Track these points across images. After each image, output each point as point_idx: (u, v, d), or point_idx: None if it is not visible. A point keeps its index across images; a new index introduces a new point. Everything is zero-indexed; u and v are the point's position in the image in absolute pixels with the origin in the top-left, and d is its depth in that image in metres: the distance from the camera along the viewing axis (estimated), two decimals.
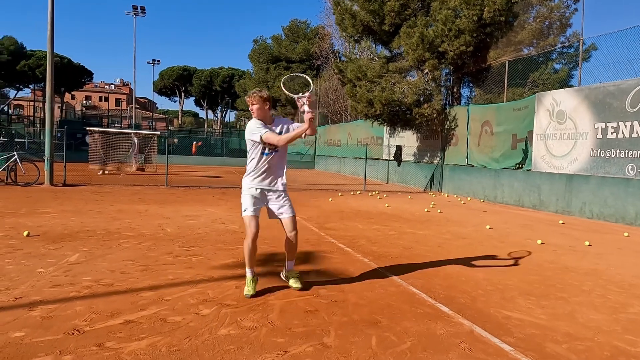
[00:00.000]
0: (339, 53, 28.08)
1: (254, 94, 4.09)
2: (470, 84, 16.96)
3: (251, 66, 45.30)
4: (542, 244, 7.39)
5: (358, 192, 14.93)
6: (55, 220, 7.49)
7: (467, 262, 5.81)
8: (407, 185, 18.21)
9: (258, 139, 4.07)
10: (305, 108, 4.00)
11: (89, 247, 5.66)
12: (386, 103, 14.68)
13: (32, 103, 76.60)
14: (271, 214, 4.49)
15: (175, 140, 32.46)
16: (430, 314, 3.82)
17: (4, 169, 12.39)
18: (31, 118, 69.23)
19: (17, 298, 3.75)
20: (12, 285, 4.05)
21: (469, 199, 14.37)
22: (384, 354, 3.00)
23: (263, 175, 4.25)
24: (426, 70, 15.47)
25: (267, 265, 5.24)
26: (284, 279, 4.50)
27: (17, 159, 12.37)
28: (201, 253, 5.65)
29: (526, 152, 12.45)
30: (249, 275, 4.16)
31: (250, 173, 4.28)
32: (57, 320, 3.31)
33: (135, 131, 16.52)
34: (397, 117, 15.68)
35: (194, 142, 35.81)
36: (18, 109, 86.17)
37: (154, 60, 53.41)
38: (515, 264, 5.84)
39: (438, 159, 16.45)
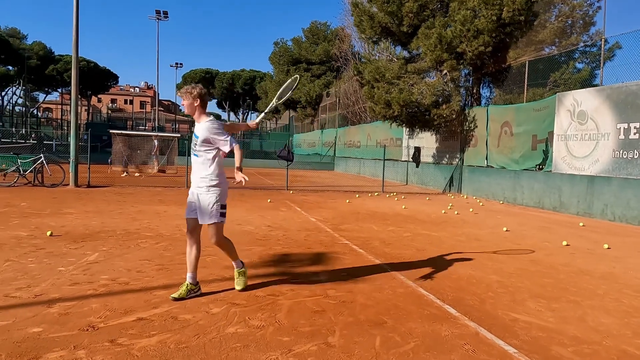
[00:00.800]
0: (358, 55, 28.06)
1: (183, 91, 4.02)
2: (490, 85, 16.77)
3: (272, 68, 45.65)
4: (567, 245, 7.31)
5: (376, 194, 14.92)
6: (78, 220, 7.73)
7: (479, 264, 5.79)
8: (426, 187, 18.11)
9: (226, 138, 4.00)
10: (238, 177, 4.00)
11: (108, 247, 5.84)
12: (404, 104, 14.64)
13: (60, 106, 78.74)
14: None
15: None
16: (436, 315, 3.84)
17: (31, 171, 12.81)
18: (59, 121, 71.19)
19: (37, 295, 3.92)
20: (34, 283, 4.23)
21: (488, 200, 14.22)
22: (387, 354, 3.05)
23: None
24: (445, 71, 15.37)
25: (279, 265, 5.32)
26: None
27: (44, 161, 12.78)
28: (215, 253, 5.75)
29: (546, 153, 12.26)
30: (236, 266, 4.33)
31: (221, 175, 4.10)
32: (74, 317, 3.46)
33: (156, 133, 16.88)
34: (415, 118, 15.62)
35: None
36: (47, 112, 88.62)
37: (176, 63, 54.32)
38: (529, 267, 5.79)
39: (457, 160, 16.32)
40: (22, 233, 6.46)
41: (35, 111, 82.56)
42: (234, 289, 4.30)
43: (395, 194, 15.09)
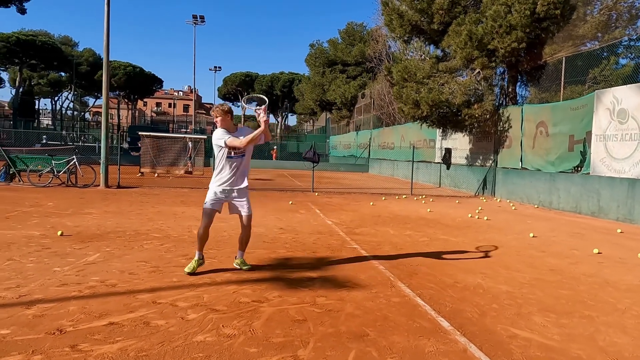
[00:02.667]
0: (392, 55, 27.58)
1: (217, 109, 4.76)
2: (525, 83, 16.01)
3: (308, 70, 45.73)
4: (598, 253, 6.79)
5: (404, 196, 14.52)
6: (94, 220, 7.85)
7: (493, 272, 5.42)
8: (458, 189, 17.51)
9: (223, 144, 4.69)
10: (261, 114, 4.64)
11: (112, 248, 5.85)
12: (433, 104, 14.18)
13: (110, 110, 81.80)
14: (232, 210, 5.02)
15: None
16: (426, 328, 3.56)
17: (64, 172, 13.24)
18: (110, 124, 74.03)
19: (21, 296, 3.91)
20: (23, 283, 4.24)
21: (522, 204, 13.54)
22: None
23: (229, 176, 4.82)
24: (477, 70, 14.79)
25: (276, 270, 5.14)
26: (235, 266, 5.10)
27: (76, 162, 13.19)
28: (216, 256, 5.67)
29: (584, 155, 11.52)
30: (196, 257, 4.91)
31: (217, 174, 4.86)
32: (46, 319, 3.41)
33: (183, 135, 17.15)
34: (445, 118, 15.11)
35: (274, 148, 37.19)
36: (97, 116, 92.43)
37: (215, 67, 55.43)
38: (547, 276, 5.35)
39: (491, 162, 15.67)
40: (35, 232, 6.59)
41: (85, 115, 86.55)
42: (220, 294, 4.16)
43: (424, 196, 14.64)
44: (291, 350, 3.05)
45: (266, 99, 5.13)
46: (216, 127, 4.91)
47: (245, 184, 4.92)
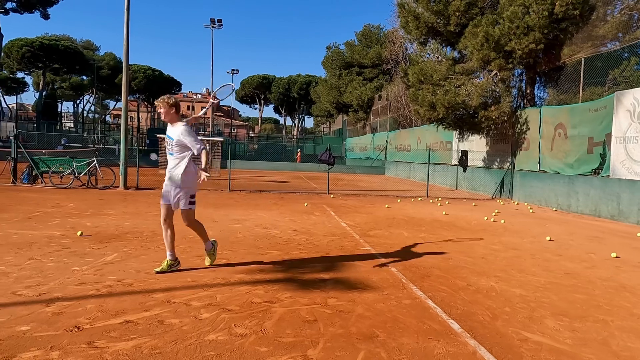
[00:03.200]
0: (409, 57, 27.47)
1: (162, 101, 4.80)
2: (543, 84, 15.81)
3: (325, 72, 45.83)
4: (616, 257, 6.69)
5: (419, 199, 14.46)
6: (113, 221, 8.01)
7: (507, 275, 5.38)
8: (476, 192, 17.35)
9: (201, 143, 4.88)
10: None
11: (129, 248, 5.98)
12: (449, 106, 14.10)
13: (129, 113, 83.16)
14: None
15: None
16: (436, 330, 3.56)
17: (85, 173, 13.52)
18: (130, 127, 75.18)
19: (41, 294, 4.03)
20: (43, 282, 4.37)
21: (540, 207, 13.37)
22: None
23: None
24: (494, 71, 14.67)
25: (288, 271, 5.19)
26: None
27: (96, 165, 13.46)
28: (229, 257, 5.74)
29: (604, 157, 11.33)
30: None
31: (194, 172, 4.96)
32: (65, 317, 3.51)
33: (201, 138, 17.41)
34: (462, 120, 15.01)
35: (298, 150, 37.50)
36: (117, 119, 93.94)
37: (232, 70, 55.90)
38: (563, 280, 5.30)
39: (508, 164, 15.50)
40: (56, 233, 6.76)
41: (106, 117, 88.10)
42: (233, 294, 4.22)
43: (440, 199, 14.56)
44: (301, 350, 3.10)
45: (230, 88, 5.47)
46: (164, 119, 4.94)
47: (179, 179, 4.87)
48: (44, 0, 47.30)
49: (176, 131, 4.76)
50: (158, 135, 16.15)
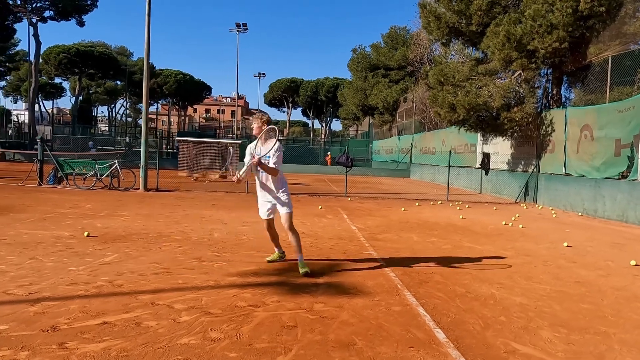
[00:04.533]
0: (432, 58, 27.05)
1: (258, 117, 5.21)
2: (569, 84, 15.24)
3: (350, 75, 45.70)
4: (636, 265, 6.34)
5: (439, 202, 14.16)
6: (123, 222, 8.13)
7: (511, 282, 5.15)
8: (499, 196, 16.87)
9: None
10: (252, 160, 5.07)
11: (131, 249, 6.03)
12: (470, 107, 13.75)
13: (159, 116, 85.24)
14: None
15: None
16: (419, 339, 3.41)
17: (107, 175, 13.83)
18: (160, 130, 77.03)
19: (30, 293, 4.09)
20: (36, 281, 4.43)
21: (565, 212, 12.86)
22: None
23: (258, 187, 5.40)
24: (518, 71, 14.24)
25: (283, 274, 5.12)
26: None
27: (118, 167, 13.75)
28: (228, 259, 5.71)
29: (632, 160, 10.80)
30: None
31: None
32: (45, 317, 3.54)
33: (218, 140, 17.53)
34: (484, 122, 14.62)
35: (328, 153, 37.66)
36: (149, 122, 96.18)
37: (259, 73, 56.44)
38: (571, 289, 5.03)
39: (533, 167, 15.00)
40: (64, 233, 6.90)
41: (139, 121, 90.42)
42: (220, 297, 4.18)
43: (460, 202, 14.21)
44: (271, 357, 3.01)
45: (275, 132, 5.20)
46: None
47: (275, 194, 5.28)
48: (80, 8, 48.98)
49: (266, 149, 5.05)
50: (177, 138, 16.39)
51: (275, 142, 5.04)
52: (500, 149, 17.28)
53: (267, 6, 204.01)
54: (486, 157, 16.85)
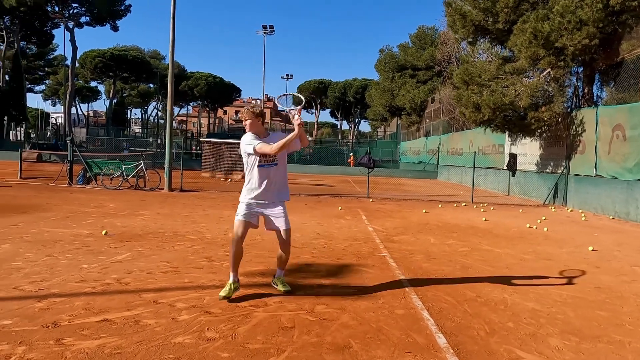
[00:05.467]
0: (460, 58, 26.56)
1: (246, 111, 4.22)
2: (601, 83, 14.67)
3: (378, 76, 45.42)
4: None
5: (463, 204, 13.86)
6: (143, 222, 8.27)
7: (526, 287, 4.97)
8: (528, 198, 16.40)
9: (252, 150, 4.13)
10: (296, 117, 4.12)
11: (145, 248, 6.12)
12: (495, 107, 13.41)
13: (189, 118, 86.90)
14: (268, 225, 4.41)
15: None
16: (417, 344, 3.31)
17: (133, 176, 14.15)
18: (191, 131, 78.46)
19: (40, 289, 4.18)
20: (48, 278, 4.54)
21: (595, 215, 12.38)
22: None
23: (260, 188, 4.23)
24: (547, 70, 13.81)
25: (291, 275, 5.07)
26: (273, 285, 4.54)
27: (143, 167, 14.04)
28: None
29: None
30: (230, 279, 4.20)
31: (247, 185, 4.31)
32: (50, 313, 3.61)
33: (239, 141, 17.73)
34: (510, 122, 14.23)
35: (351, 154, 37.77)
36: (181, 124, 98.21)
37: (287, 75, 56.76)
38: (590, 295, 4.81)
39: (562, 168, 14.51)
40: (84, 231, 7.07)
41: (173, 123, 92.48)
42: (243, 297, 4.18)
43: (484, 204, 13.88)
44: (262, 358, 2.98)
45: (303, 98, 4.55)
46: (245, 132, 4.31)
47: (281, 196, 4.34)
48: (114, 14, 50.45)
49: (274, 140, 4.16)
50: (201, 139, 16.61)
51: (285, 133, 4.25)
52: (529, 149, 16.80)
53: (294, 8, 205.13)
54: (513, 158, 16.43)
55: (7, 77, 46.46)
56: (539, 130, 14.14)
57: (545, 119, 13.45)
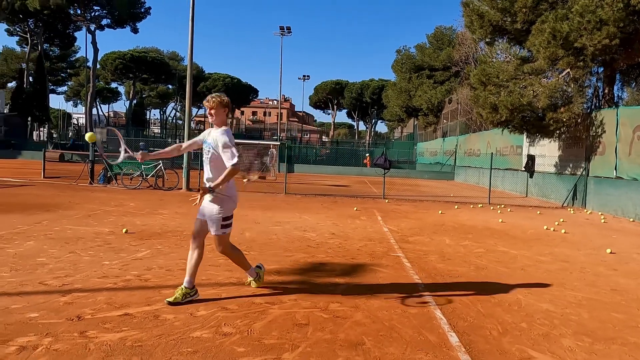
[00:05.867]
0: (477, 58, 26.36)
1: (214, 98, 4.01)
2: (623, 83, 14.43)
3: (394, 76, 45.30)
4: None
5: (480, 206, 13.78)
6: (162, 220, 8.45)
7: (540, 289, 4.96)
8: (547, 200, 16.21)
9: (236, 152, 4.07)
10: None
11: (163, 246, 6.26)
12: (513, 108, 13.31)
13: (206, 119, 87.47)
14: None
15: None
16: (430, 342, 3.36)
17: (152, 175, 14.40)
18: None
19: (64, 284, 4.34)
20: (71, 273, 4.70)
21: (615, 217, 12.20)
22: None
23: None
24: (567, 70, 13.65)
25: (305, 274, 5.16)
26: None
27: (162, 167, 14.29)
28: (255, 258, 5.81)
29: None
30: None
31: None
32: (74, 307, 3.75)
33: (257, 142, 17.86)
34: (528, 123, 14.10)
35: (367, 155, 37.85)
36: (199, 125, 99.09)
37: (304, 76, 56.97)
38: (606, 297, 4.78)
39: (581, 170, 14.32)
40: (105, 229, 7.26)
41: (192, 124, 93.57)
42: (239, 294, 4.28)
43: (501, 206, 13.78)
44: (277, 353, 3.06)
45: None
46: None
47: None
48: (134, 16, 51.26)
49: (216, 136, 3.98)
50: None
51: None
52: (548, 150, 16.61)
53: (312, 9, 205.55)
54: (531, 159, 16.26)
55: (30, 79, 47.61)
56: (557, 132, 13.99)
57: (564, 119, 13.30)
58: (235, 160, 3.94)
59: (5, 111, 51.98)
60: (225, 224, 4.08)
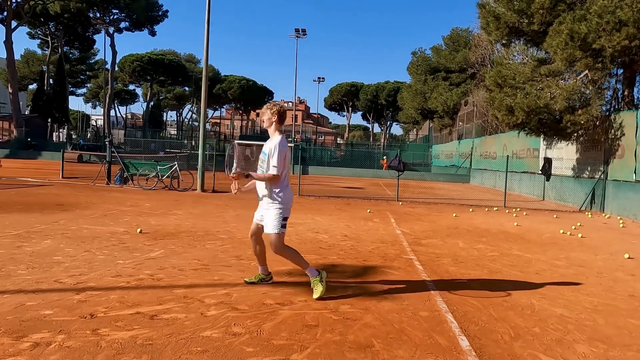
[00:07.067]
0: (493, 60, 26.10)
1: (274, 105, 4.43)
2: None
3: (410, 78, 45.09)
4: None
5: (495, 209, 13.63)
6: (176, 221, 8.53)
7: (555, 293, 4.89)
8: (564, 203, 15.96)
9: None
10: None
11: (177, 246, 6.32)
12: (529, 110, 13.14)
13: (222, 120, 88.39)
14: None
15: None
16: (440, 346, 3.33)
17: (168, 176, 14.56)
18: (224, 134, 79.75)
19: (78, 282, 4.41)
20: (86, 272, 4.77)
21: (635, 221, 11.95)
22: None
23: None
24: (585, 72, 13.44)
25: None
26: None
27: (177, 168, 14.43)
28: (268, 258, 5.83)
29: None
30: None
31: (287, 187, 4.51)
32: (87, 305, 3.81)
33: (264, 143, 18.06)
34: (545, 125, 13.91)
35: (384, 157, 37.81)
36: (215, 126, 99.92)
37: (319, 78, 57.03)
38: (622, 303, 4.69)
39: (600, 173, 14.07)
40: (120, 229, 7.36)
41: (206, 125, 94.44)
42: (249, 295, 4.29)
43: (517, 209, 13.60)
44: (286, 354, 3.07)
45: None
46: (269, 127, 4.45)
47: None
48: (152, 19, 51.94)
49: (270, 145, 4.30)
50: (233, 141, 16.92)
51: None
52: (565, 153, 16.36)
53: (327, 11, 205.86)
54: (547, 162, 16.03)
55: (51, 81, 48.53)
56: (575, 134, 13.78)
57: (582, 122, 13.08)
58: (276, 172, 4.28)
59: (26, 112, 53.09)
60: (283, 223, 4.38)
